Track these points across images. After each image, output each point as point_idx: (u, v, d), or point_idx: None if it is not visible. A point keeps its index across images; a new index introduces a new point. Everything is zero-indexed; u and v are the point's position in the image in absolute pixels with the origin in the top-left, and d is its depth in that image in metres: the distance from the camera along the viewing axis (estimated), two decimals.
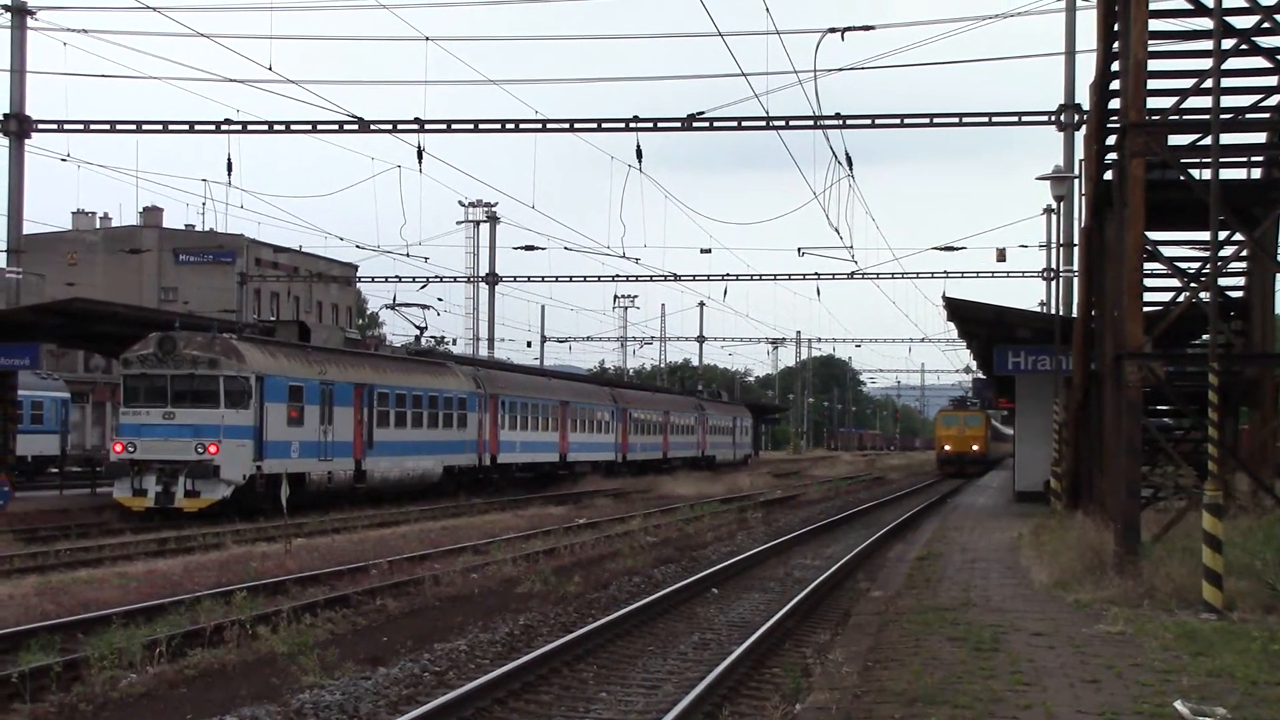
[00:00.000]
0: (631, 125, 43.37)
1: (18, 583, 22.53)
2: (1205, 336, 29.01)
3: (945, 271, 69.81)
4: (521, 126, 44.28)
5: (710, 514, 43.32)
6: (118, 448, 37.29)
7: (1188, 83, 24.08)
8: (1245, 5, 22.62)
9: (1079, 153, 37.50)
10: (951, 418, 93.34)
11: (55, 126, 44.87)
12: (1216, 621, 17.56)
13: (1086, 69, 39.35)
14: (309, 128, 44.57)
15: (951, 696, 13.04)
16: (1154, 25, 22.98)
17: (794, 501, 55.09)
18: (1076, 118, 40.66)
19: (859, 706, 12.81)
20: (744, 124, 43.14)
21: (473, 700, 13.92)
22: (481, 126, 44.54)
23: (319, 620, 19.17)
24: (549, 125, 44.30)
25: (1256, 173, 28.87)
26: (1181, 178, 22.95)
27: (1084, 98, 36.47)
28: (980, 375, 79.23)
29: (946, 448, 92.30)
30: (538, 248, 74.57)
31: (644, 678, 16.02)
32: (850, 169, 42.66)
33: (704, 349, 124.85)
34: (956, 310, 45.01)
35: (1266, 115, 26.43)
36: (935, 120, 43.33)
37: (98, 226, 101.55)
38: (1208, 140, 21.44)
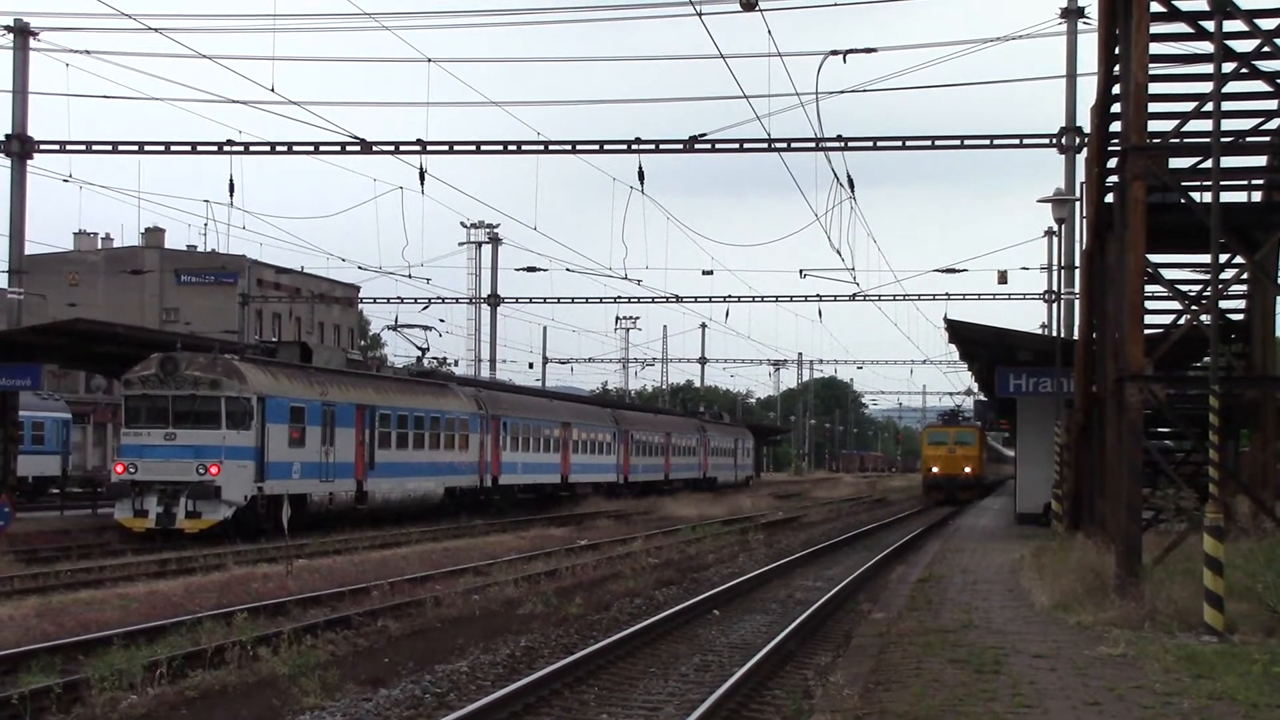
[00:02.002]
0: (633, 147, 43.40)
1: (18, 604, 22.52)
2: (1206, 359, 29.05)
3: (947, 293, 70.14)
4: (523, 148, 44.34)
5: (712, 535, 43.28)
6: (119, 468, 37.27)
7: (1188, 106, 24.14)
8: (1245, 29, 22.69)
9: (1080, 175, 37.61)
10: (940, 435, 79.88)
11: (57, 147, 44.94)
12: (1218, 644, 17.56)
13: (1087, 92, 39.41)
14: (311, 149, 44.65)
15: (953, 719, 13.04)
16: (1155, 49, 23.04)
17: (796, 523, 55.05)
18: (1077, 140, 40.71)
19: None
20: (746, 146, 43.20)
21: None
22: (483, 148, 44.59)
23: (320, 641, 19.16)
24: (551, 147, 44.38)
25: (1257, 196, 28.91)
26: (1182, 200, 23.00)
27: (1085, 120, 36.52)
28: (981, 397, 77.74)
29: (934, 470, 78.40)
30: (539, 269, 74.77)
31: (645, 699, 16.01)
32: (852, 191, 42.69)
33: (706, 370, 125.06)
34: (958, 332, 45.05)
35: (1267, 138, 26.48)
36: (937, 142, 43.39)
37: (99, 247, 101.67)
38: (1208, 163, 21.49)
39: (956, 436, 78.31)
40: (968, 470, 77.40)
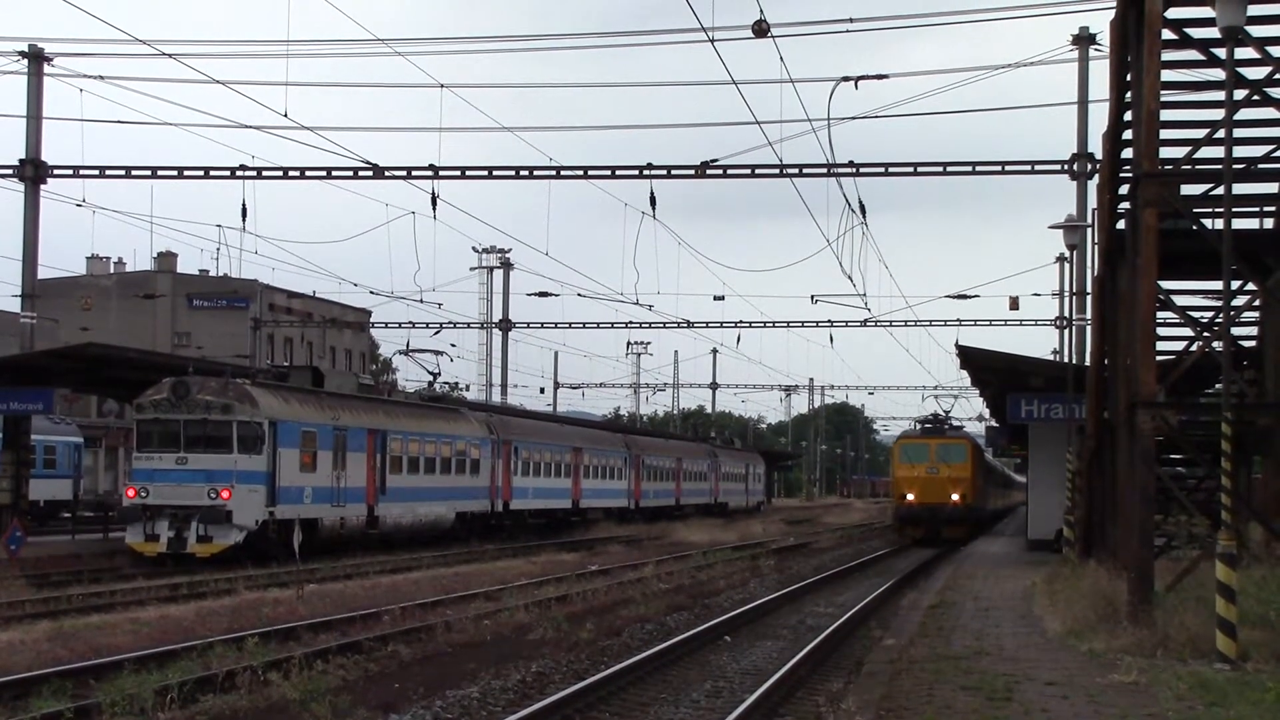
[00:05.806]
0: (645, 172, 43.41)
1: (30, 628, 22.55)
2: (1218, 385, 29.02)
3: (958, 319, 69.56)
4: (535, 173, 44.37)
5: (723, 561, 43.23)
6: (130, 492, 37.30)
7: (1200, 133, 24.18)
8: (1257, 57, 22.73)
9: (1092, 201, 37.62)
10: (917, 448, 58.47)
11: (71, 172, 44.99)
12: (1230, 672, 17.52)
13: (1099, 118, 39.42)
14: (324, 174, 44.67)
15: None
16: (1166, 76, 23.07)
17: (807, 549, 54.94)
18: (1090, 167, 40.72)
19: None
20: (757, 171, 43.20)
21: None
22: (496, 173, 44.65)
23: (331, 666, 19.15)
24: (563, 172, 44.38)
25: (1269, 222, 28.92)
26: (1194, 227, 23.01)
27: (1097, 147, 36.57)
28: (993, 423, 76.13)
29: (908, 496, 57.54)
30: (551, 294, 74.66)
31: None
32: (863, 216, 42.69)
33: (717, 396, 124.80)
34: (970, 358, 45.05)
35: (1278, 165, 26.49)
36: (948, 169, 43.36)
37: (112, 271, 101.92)
38: (1220, 190, 21.51)
39: (939, 451, 57.88)
40: (955, 498, 57.18)
